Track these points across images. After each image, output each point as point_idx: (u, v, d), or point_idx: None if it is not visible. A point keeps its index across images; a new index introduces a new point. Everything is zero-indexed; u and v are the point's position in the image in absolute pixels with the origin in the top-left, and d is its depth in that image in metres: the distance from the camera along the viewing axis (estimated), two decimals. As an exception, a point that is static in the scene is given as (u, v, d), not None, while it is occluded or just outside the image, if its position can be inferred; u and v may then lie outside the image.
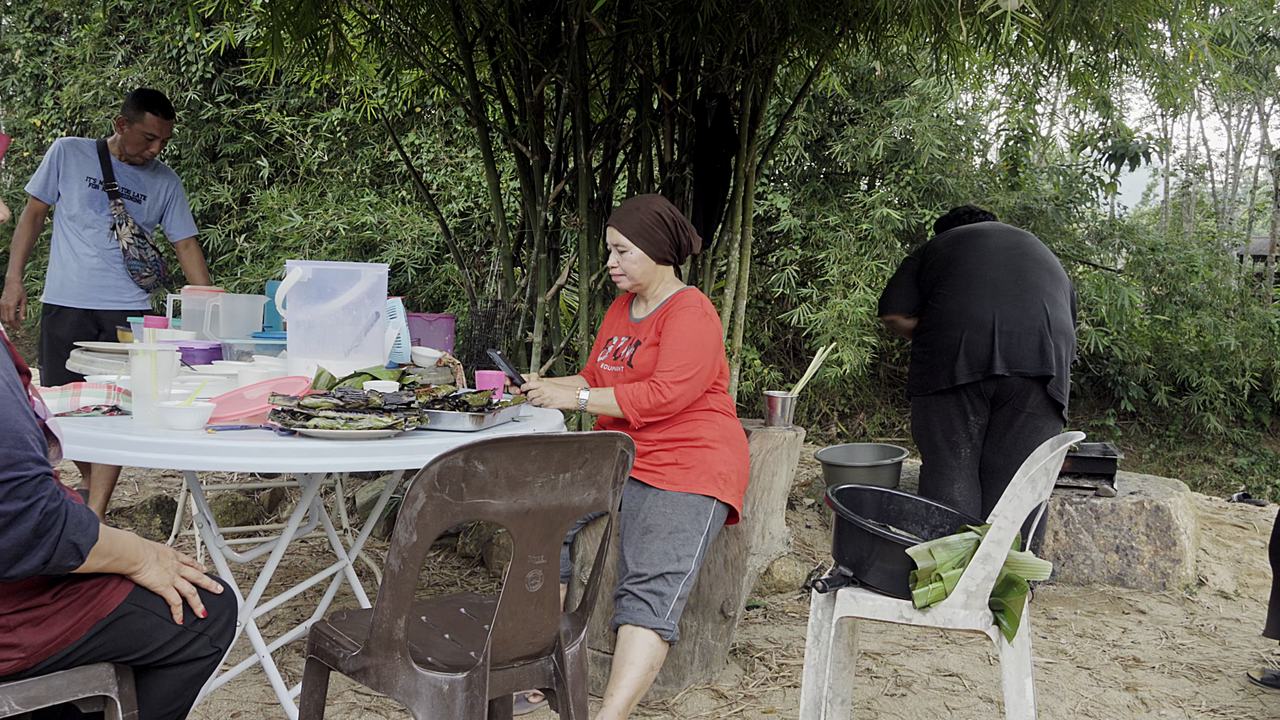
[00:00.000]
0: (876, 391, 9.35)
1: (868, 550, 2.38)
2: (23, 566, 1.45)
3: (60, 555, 1.49)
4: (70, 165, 3.95)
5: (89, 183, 3.95)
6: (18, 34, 9.92)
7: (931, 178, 7.92)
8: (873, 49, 4.40)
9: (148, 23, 8.90)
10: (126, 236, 3.98)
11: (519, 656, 1.86)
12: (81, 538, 1.52)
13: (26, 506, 1.42)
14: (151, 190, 4.10)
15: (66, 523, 1.49)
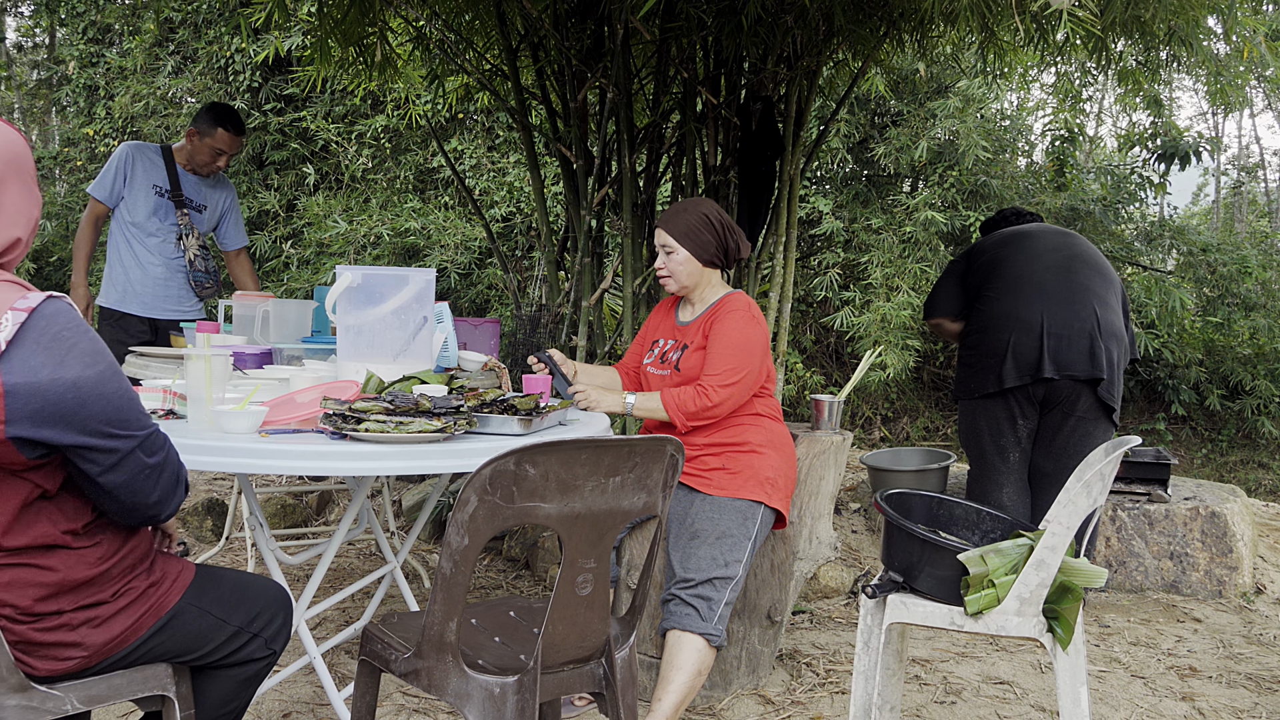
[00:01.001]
0: (920, 395, 9.26)
1: (918, 556, 2.35)
2: (172, 505, 1.66)
3: (184, 491, 1.68)
4: (137, 171, 3.95)
5: (155, 190, 3.97)
6: (71, 46, 10.14)
7: (976, 179, 7.83)
8: (918, 50, 4.36)
9: (196, 33, 9.05)
10: (193, 248, 4.01)
11: (569, 660, 1.86)
12: (185, 474, 1.69)
13: (165, 455, 1.62)
14: (211, 201, 4.15)
15: (179, 465, 1.67)
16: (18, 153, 1.51)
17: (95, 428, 1.48)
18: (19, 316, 1.43)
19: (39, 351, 1.43)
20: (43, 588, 1.53)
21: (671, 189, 4.11)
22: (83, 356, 1.47)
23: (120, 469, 1.53)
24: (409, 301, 2.60)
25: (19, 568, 1.52)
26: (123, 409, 1.52)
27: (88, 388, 1.46)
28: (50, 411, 1.44)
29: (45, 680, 1.58)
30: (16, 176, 1.51)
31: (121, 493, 1.56)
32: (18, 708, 1.55)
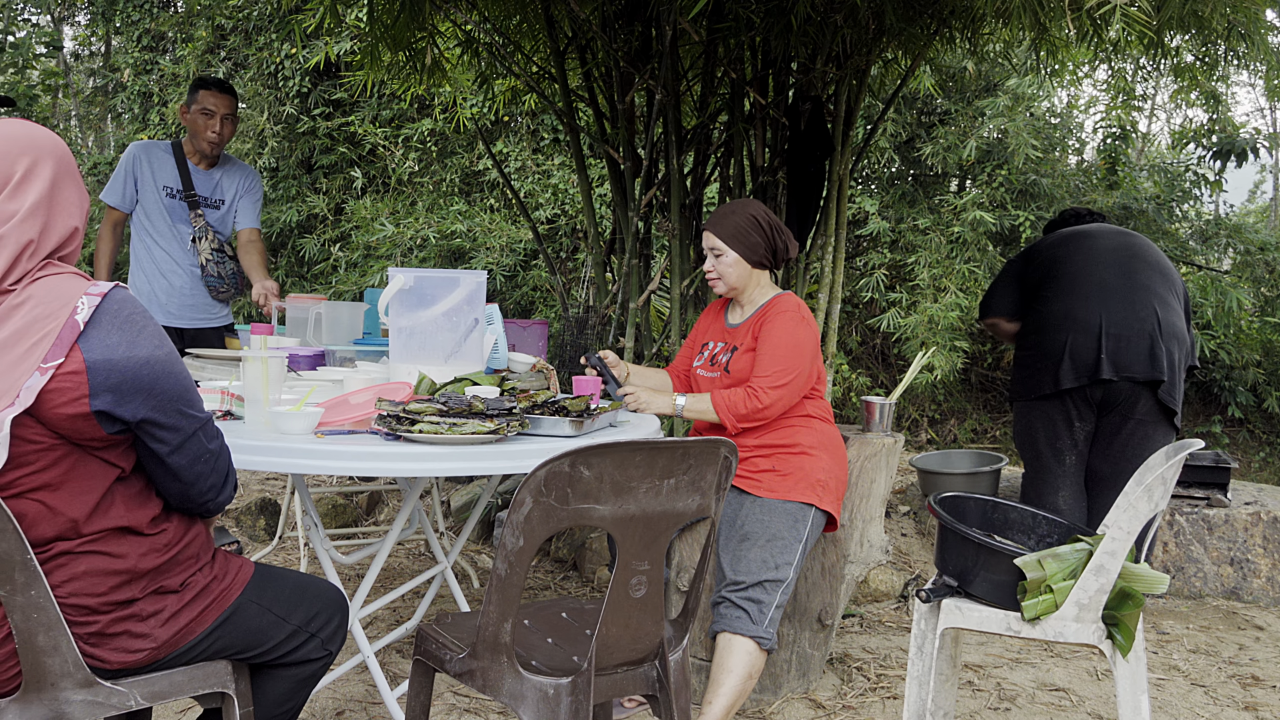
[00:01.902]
0: (968, 397, 9.15)
1: (973, 560, 2.32)
2: (224, 495, 1.74)
3: (233, 487, 1.76)
4: (146, 172, 3.79)
5: (166, 192, 3.82)
6: (126, 54, 10.35)
7: (1025, 178, 7.72)
8: (969, 47, 4.31)
9: (247, 40, 9.19)
10: (206, 251, 3.84)
11: (623, 662, 1.86)
12: (234, 471, 1.78)
13: (221, 443, 1.72)
14: (229, 193, 3.93)
15: (230, 459, 1.76)
16: (64, 152, 1.63)
17: (167, 404, 1.58)
18: (94, 300, 1.52)
19: (114, 331, 1.53)
20: (115, 575, 1.57)
21: (719, 190, 4.10)
22: (152, 337, 1.57)
23: (185, 450, 1.63)
24: (460, 303, 2.62)
25: (93, 555, 1.55)
26: (189, 389, 1.63)
27: (159, 366, 1.56)
28: (128, 386, 1.53)
29: (111, 675, 1.61)
30: (68, 173, 1.62)
31: (185, 474, 1.65)
32: (84, 702, 1.58)
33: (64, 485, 1.53)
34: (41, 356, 1.47)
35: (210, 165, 3.91)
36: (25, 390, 1.46)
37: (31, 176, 1.56)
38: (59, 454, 1.52)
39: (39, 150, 1.58)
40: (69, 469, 1.54)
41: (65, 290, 1.52)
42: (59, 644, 1.53)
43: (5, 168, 1.55)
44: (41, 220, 1.55)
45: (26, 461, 1.50)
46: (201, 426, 1.65)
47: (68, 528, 1.54)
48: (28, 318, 1.49)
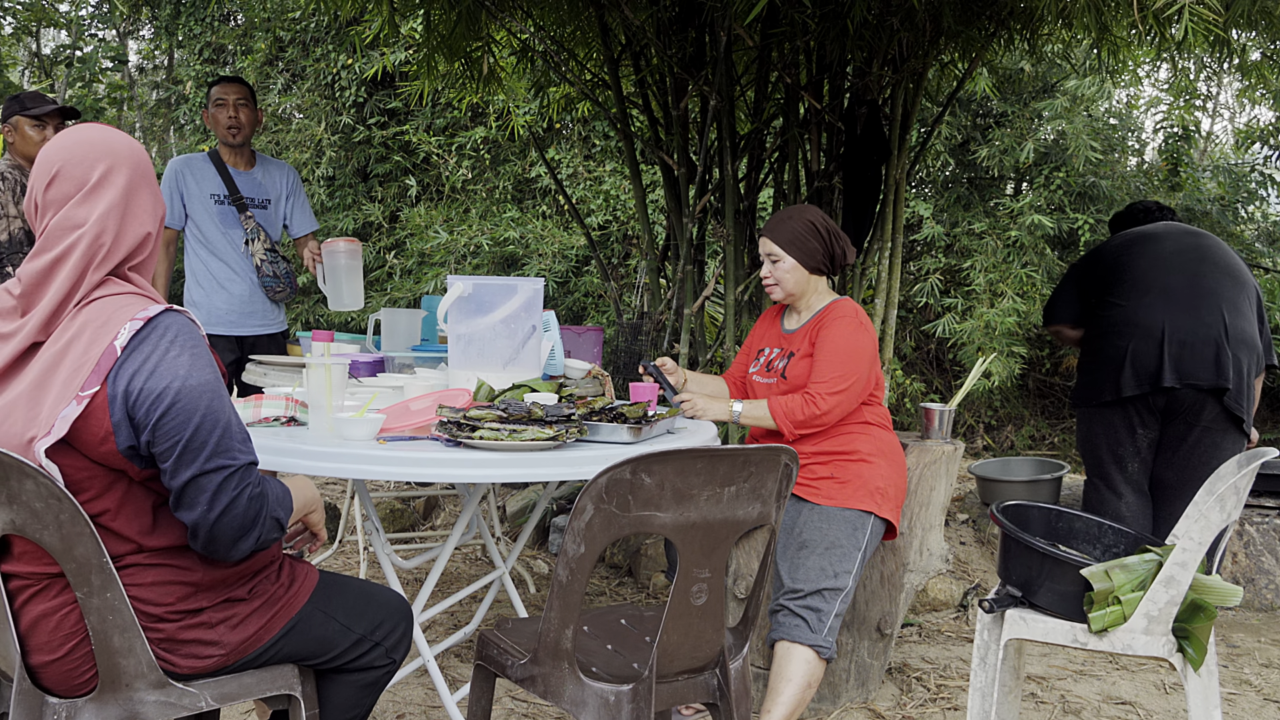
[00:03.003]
0: (1025, 403, 9.00)
1: (1037, 570, 2.28)
2: (241, 547, 1.57)
3: (267, 532, 1.61)
4: (191, 184, 3.82)
5: (214, 199, 3.83)
6: (188, 67, 10.58)
7: (1084, 180, 7.59)
8: (1027, 49, 4.25)
9: (305, 52, 9.36)
10: (260, 253, 3.87)
11: (683, 670, 1.85)
12: (281, 512, 1.64)
13: (235, 496, 1.54)
14: (273, 191, 3.97)
15: (268, 502, 1.60)
16: (141, 158, 1.63)
17: (173, 432, 1.49)
18: (136, 325, 1.50)
19: (142, 358, 1.49)
20: (185, 587, 1.60)
21: (773, 195, 4.08)
22: (182, 365, 1.50)
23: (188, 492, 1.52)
24: (517, 310, 2.64)
25: (162, 567, 1.58)
26: (213, 428, 1.52)
27: (176, 395, 1.49)
28: (140, 412, 1.48)
29: (183, 677, 1.64)
30: (143, 179, 1.62)
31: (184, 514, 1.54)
32: (157, 703, 1.61)
33: (120, 511, 1.55)
34: (80, 385, 1.46)
35: (248, 165, 3.95)
36: (60, 420, 1.46)
37: (106, 182, 1.57)
38: (108, 481, 1.53)
39: (116, 156, 1.59)
40: (122, 494, 1.55)
41: (115, 314, 1.51)
42: (133, 646, 1.57)
43: (81, 173, 1.56)
44: (114, 227, 1.56)
45: (83, 487, 1.52)
46: (219, 472, 1.52)
47: (132, 547, 1.56)
48: (78, 344, 1.49)
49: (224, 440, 1.53)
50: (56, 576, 1.54)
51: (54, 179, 1.56)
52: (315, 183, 9.15)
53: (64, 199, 1.56)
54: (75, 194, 1.55)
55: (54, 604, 1.55)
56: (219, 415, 1.53)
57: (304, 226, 4.07)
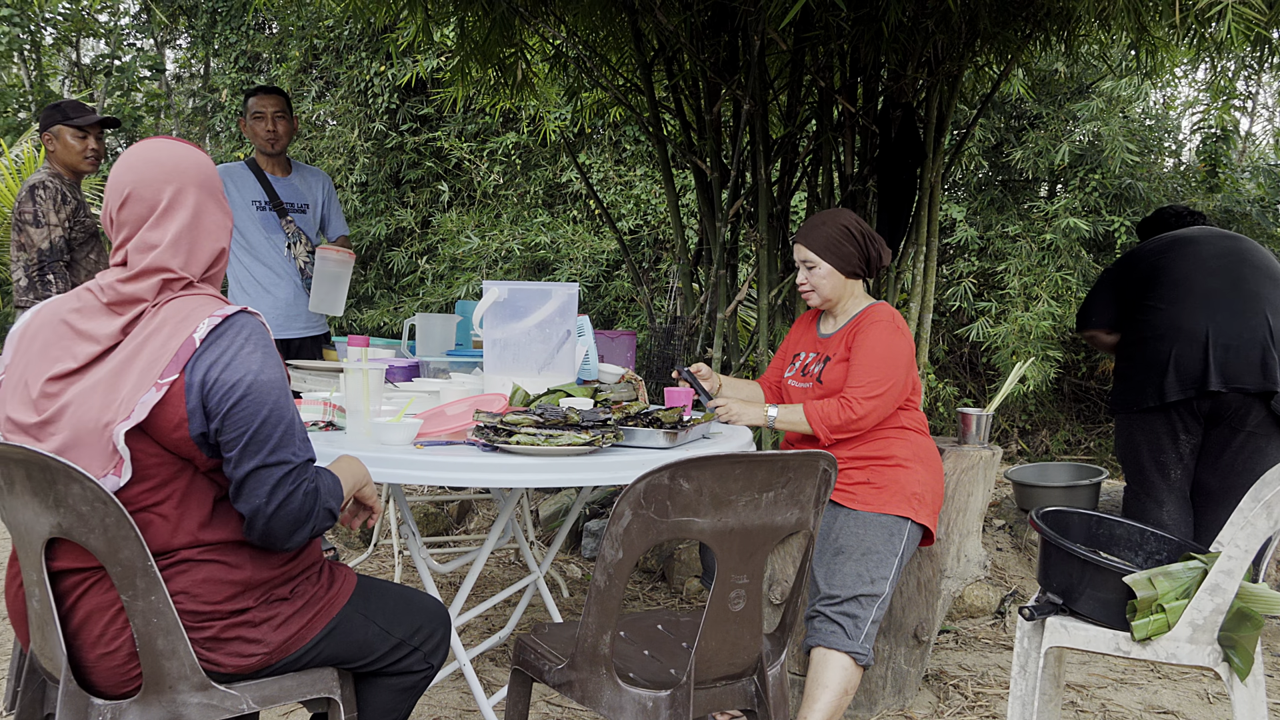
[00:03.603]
0: (1060, 407, 8.90)
1: (1078, 577, 2.25)
2: (296, 539, 1.63)
3: (320, 522, 1.66)
4: (232, 192, 3.88)
5: (255, 205, 3.91)
6: (224, 75, 10.71)
7: (1121, 182, 7.50)
8: (1064, 50, 4.21)
9: (338, 59, 9.44)
10: (302, 256, 3.95)
11: (721, 676, 1.85)
12: (333, 501, 1.69)
13: (293, 490, 1.60)
14: (310, 196, 4.07)
15: (321, 496, 1.65)
16: (208, 173, 1.67)
17: (241, 424, 1.56)
18: (214, 321, 1.57)
19: (219, 351, 1.55)
20: (232, 585, 1.62)
21: (807, 199, 4.07)
22: (254, 362, 1.57)
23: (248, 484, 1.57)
24: (552, 315, 2.64)
25: (212, 564, 1.61)
26: (278, 423, 1.58)
27: (248, 389, 1.55)
28: (213, 402, 1.54)
29: (225, 679, 1.66)
30: (211, 196, 1.66)
31: (242, 504, 1.59)
32: (199, 705, 1.63)
33: (184, 499, 1.59)
34: (159, 373, 1.53)
35: (285, 172, 4.05)
36: (140, 405, 1.52)
37: (176, 204, 1.61)
38: (176, 469, 1.58)
39: (184, 176, 1.63)
40: (187, 483, 1.59)
41: (194, 311, 1.58)
42: (177, 648, 1.58)
43: (151, 195, 1.61)
44: (186, 249, 1.62)
45: (148, 475, 1.56)
46: (281, 466, 1.58)
47: (188, 539, 1.59)
48: (158, 336, 1.55)
49: (287, 436, 1.59)
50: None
51: (126, 201, 1.61)
52: (349, 189, 9.22)
53: (137, 221, 1.61)
54: (148, 217, 1.61)
55: (106, 598, 1.58)
56: (284, 412, 1.59)
57: (337, 230, 4.19)
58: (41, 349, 1.61)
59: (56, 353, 1.59)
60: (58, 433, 1.56)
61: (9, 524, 1.65)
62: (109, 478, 1.53)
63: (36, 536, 1.58)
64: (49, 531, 1.56)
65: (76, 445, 1.54)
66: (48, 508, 1.55)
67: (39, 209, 3.54)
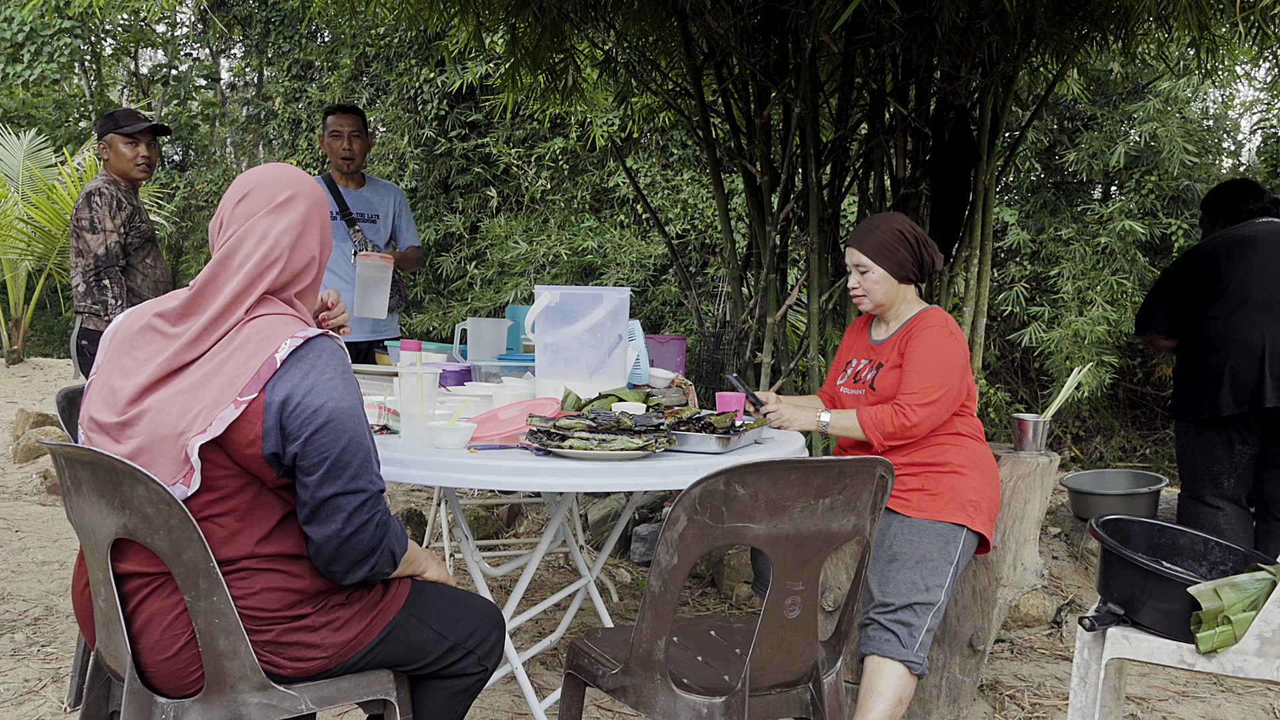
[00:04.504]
0: (1115, 413, 8.74)
1: (1140, 587, 2.20)
2: (358, 573, 1.65)
3: (382, 563, 1.67)
4: None
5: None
6: (277, 83, 10.90)
7: (1178, 184, 7.35)
8: (1121, 49, 4.13)
9: (389, 66, 9.56)
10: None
11: (776, 684, 1.83)
12: (398, 547, 1.70)
13: (367, 519, 1.62)
14: (382, 208, 4.20)
15: (389, 534, 1.67)
16: (321, 196, 1.76)
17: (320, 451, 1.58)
18: (296, 342, 1.60)
19: (300, 375, 1.58)
20: (292, 594, 1.64)
21: (858, 202, 4.04)
22: (335, 389, 1.60)
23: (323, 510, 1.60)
24: (603, 319, 2.64)
25: (273, 573, 1.63)
26: (355, 451, 1.61)
27: (328, 416, 1.58)
28: (291, 426, 1.57)
29: (285, 680, 1.68)
30: (318, 213, 1.75)
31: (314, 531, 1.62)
32: (259, 705, 1.65)
33: (247, 513, 1.61)
34: (239, 390, 1.56)
35: (358, 185, 4.21)
36: (218, 420, 1.55)
37: (289, 205, 1.70)
38: (242, 483, 1.60)
39: (301, 187, 1.73)
40: (252, 498, 1.61)
41: (277, 330, 1.61)
42: (238, 649, 1.61)
43: (270, 193, 1.70)
44: (288, 244, 1.68)
45: (215, 487, 1.59)
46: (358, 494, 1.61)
47: (245, 551, 1.62)
48: (241, 353, 1.59)
49: (365, 464, 1.62)
50: (170, 574, 1.60)
51: (244, 197, 1.70)
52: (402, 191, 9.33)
53: (250, 214, 1.68)
54: (261, 209, 1.68)
55: (167, 603, 1.60)
56: (363, 440, 1.62)
57: (408, 241, 4.35)
58: (127, 351, 1.65)
59: (143, 355, 1.64)
60: (134, 436, 1.59)
61: (76, 525, 1.69)
62: (177, 486, 1.56)
63: (103, 537, 1.61)
64: (115, 532, 1.59)
65: (150, 451, 1.58)
66: (114, 509, 1.58)
67: (95, 215, 3.62)
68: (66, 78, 13.30)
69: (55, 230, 9.23)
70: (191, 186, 12.37)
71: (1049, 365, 7.20)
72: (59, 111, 13.14)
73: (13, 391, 8.48)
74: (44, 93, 12.94)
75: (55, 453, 1.66)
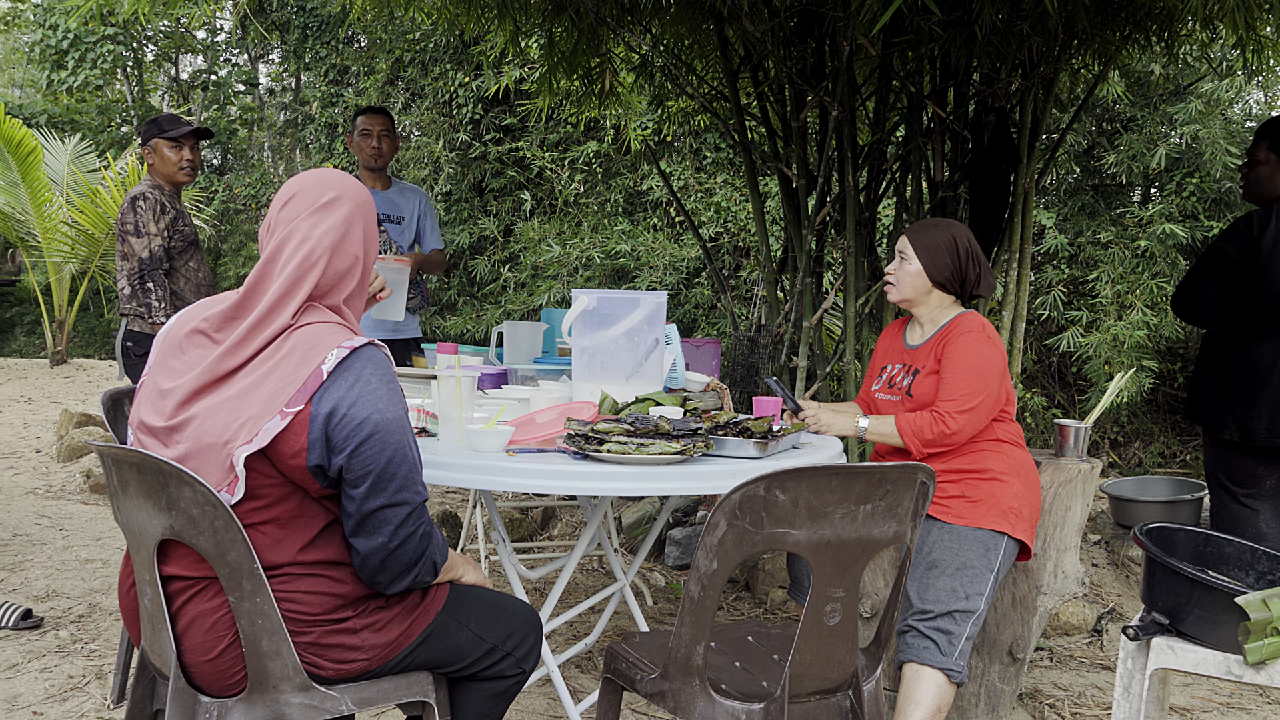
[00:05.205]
0: (1154, 418, 8.61)
1: (1185, 597, 2.17)
2: (401, 583, 1.66)
3: (425, 573, 1.68)
4: None
5: None
6: (314, 88, 11.01)
7: (1220, 186, 7.24)
8: (1165, 50, 4.07)
9: (424, 71, 9.63)
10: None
11: (815, 691, 1.82)
12: (440, 557, 1.71)
13: (413, 530, 1.63)
14: (407, 210, 4.26)
15: (432, 544, 1.68)
16: (366, 199, 1.78)
17: (366, 464, 1.58)
18: (342, 353, 1.60)
19: (346, 386, 1.59)
20: (334, 598, 1.66)
21: (895, 206, 4.01)
22: (381, 399, 1.60)
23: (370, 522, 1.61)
24: (640, 323, 2.64)
25: (315, 578, 1.64)
26: (401, 464, 1.61)
27: (374, 427, 1.58)
28: (338, 438, 1.57)
29: (327, 682, 1.69)
30: (363, 219, 1.76)
31: (360, 544, 1.62)
32: (301, 705, 1.66)
33: (290, 521, 1.63)
34: (286, 401, 1.57)
35: (384, 187, 4.27)
36: (264, 431, 1.56)
37: (332, 207, 1.71)
38: (286, 492, 1.61)
39: (346, 190, 1.74)
40: (295, 506, 1.63)
41: (323, 340, 1.62)
42: (280, 649, 1.62)
43: (314, 195, 1.72)
44: (330, 245, 1.69)
45: (259, 495, 1.60)
46: (404, 506, 1.62)
47: (287, 559, 1.63)
48: (287, 363, 1.60)
49: (411, 475, 1.63)
50: (212, 579, 1.61)
51: (290, 200, 1.72)
52: (433, 198, 9.39)
53: (294, 216, 1.71)
54: (304, 211, 1.70)
55: (209, 605, 1.62)
56: (408, 451, 1.63)
57: (432, 244, 4.38)
58: (175, 354, 1.68)
59: (190, 359, 1.66)
60: (181, 442, 1.61)
61: (123, 525, 1.71)
62: (221, 494, 1.57)
63: (149, 537, 1.63)
64: (161, 533, 1.61)
65: (196, 458, 1.59)
66: (160, 510, 1.60)
67: (139, 219, 3.67)
68: (109, 84, 13.52)
69: (98, 233, 9.38)
70: (230, 190, 12.53)
71: (1087, 370, 7.11)
72: (102, 117, 13.36)
73: (56, 392, 8.63)
74: (87, 98, 13.16)
75: (103, 454, 1.69)
